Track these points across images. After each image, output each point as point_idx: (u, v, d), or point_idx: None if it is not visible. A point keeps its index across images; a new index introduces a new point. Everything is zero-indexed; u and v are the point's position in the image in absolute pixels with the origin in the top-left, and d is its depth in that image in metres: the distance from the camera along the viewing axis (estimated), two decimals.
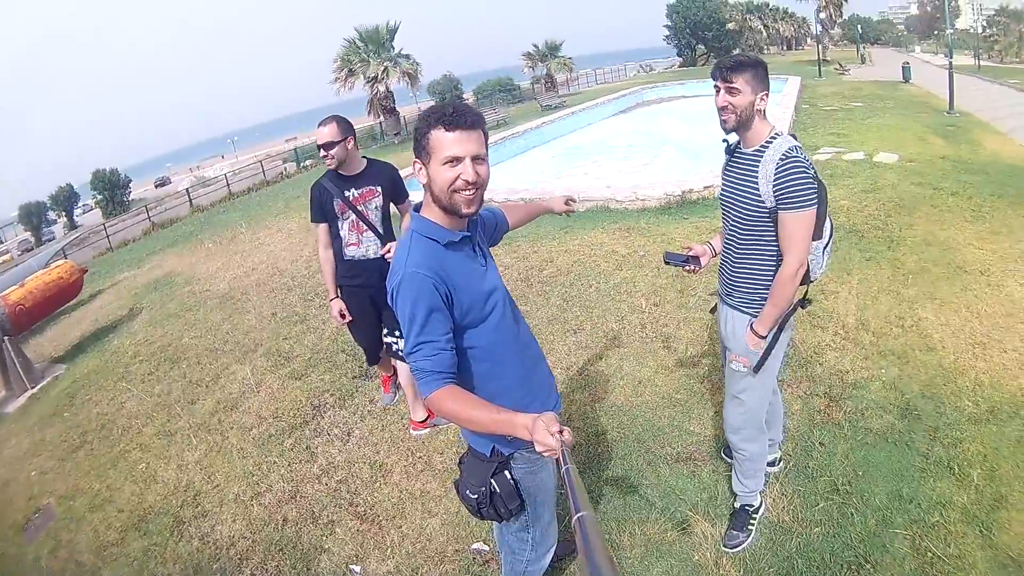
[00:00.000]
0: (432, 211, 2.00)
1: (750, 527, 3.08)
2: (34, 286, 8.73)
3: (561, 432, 1.65)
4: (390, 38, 30.30)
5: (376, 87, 29.53)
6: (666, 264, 2.95)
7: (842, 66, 35.29)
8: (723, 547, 3.04)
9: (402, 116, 32.41)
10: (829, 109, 16.50)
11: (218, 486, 4.41)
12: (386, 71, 29.35)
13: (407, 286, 1.89)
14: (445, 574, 3.26)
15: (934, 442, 3.49)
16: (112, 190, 55.87)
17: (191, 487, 4.47)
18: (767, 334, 2.66)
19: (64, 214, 64.74)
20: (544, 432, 1.65)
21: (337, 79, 30.21)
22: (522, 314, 2.33)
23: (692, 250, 2.92)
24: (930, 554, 2.81)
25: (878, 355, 4.42)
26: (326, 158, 3.86)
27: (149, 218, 22.88)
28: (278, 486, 4.22)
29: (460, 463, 2.31)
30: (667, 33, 61.15)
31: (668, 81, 34.14)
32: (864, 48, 54.27)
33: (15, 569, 4.29)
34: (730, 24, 55.88)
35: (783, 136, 2.52)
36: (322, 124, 3.84)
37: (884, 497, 3.17)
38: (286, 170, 29.05)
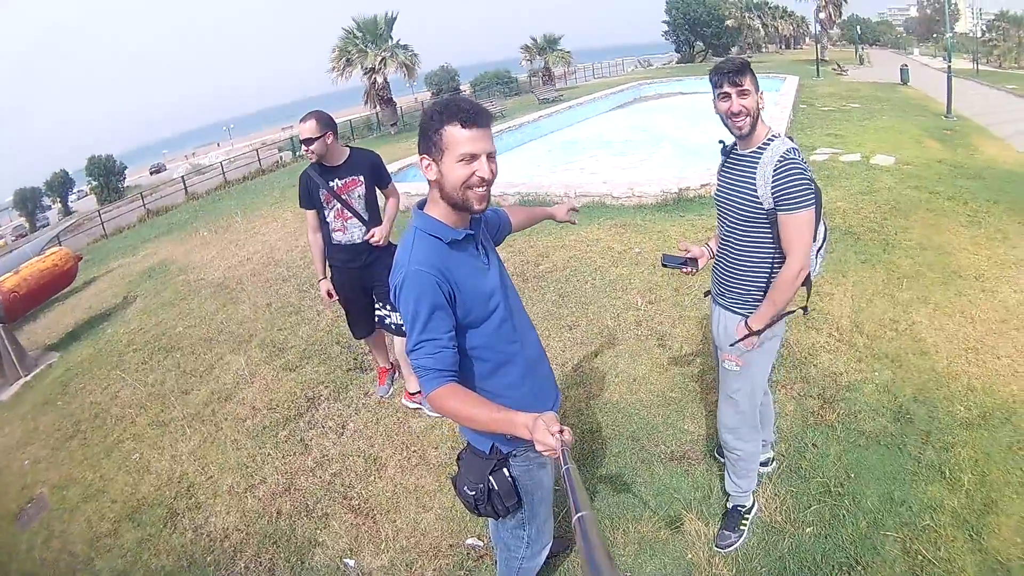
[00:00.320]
0: (436, 208, 2.00)
1: (742, 527, 3.10)
2: (29, 273, 8.70)
3: (561, 432, 1.67)
4: (388, 29, 30.14)
5: (374, 77, 29.39)
6: (664, 267, 2.96)
7: (840, 67, 35.31)
8: (715, 547, 3.07)
9: (399, 107, 32.31)
10: (826, 110, 16.51)
11: (212, 477, 4.41)
12: (383, 62, 29.21)
13: (410, 283, 1.89)
14: (439, 569, 3.27)
15: (926, 446, 3.52)
16: (107, 176, 55.69)
17: (185, 478, 4.47)
18: (760, 330, 2.67)
19: (59, 200, 64.50)
20: (544, 432, 1.66)
21: (335, 68, 30.04)
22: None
23: (689, 252, 2.93)
24: (920, 557, 2.84)
25: (872, 358, 4.44)
26: (307, 152, 4.08)
27: (144, 205, 22.79)
28: (272, 478, 4.23)
29: (458, 459, 2.31)
30: (666, 29, 61.07)
31: (666, 77, 34.14)
32: (862, 49, 54.34)
33: (8, 559, 4.28)
34: (729, 21, 55.81)
35: (780, 138, 2.52)
36: (303, 120, 4.05)
37: (876, 499, 3.19)
38: (282, 159, 28.94)
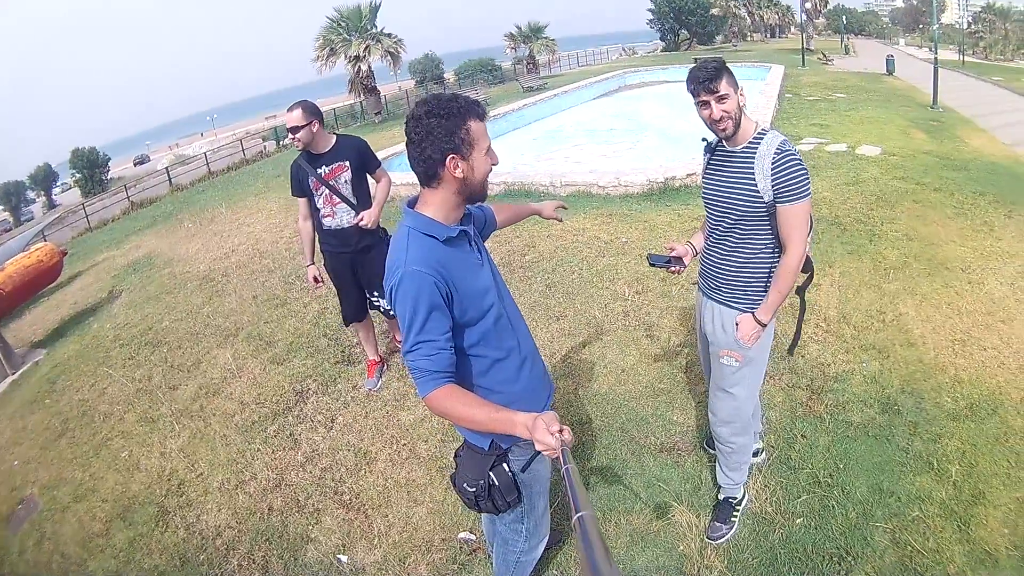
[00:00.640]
0: (429, 207, 1.99)
1: (733, 519, 3.12)
2: (13, 270, 8.57)
3: (561, 431, 1.67)
4: (372, 17, 29.91)
5: (358, 66, 29.17)
6: (651, 266, 2.96)
7: (826, 56, 35.41)
8: (706, 538, 3.09)
9: (383, 95, 32.13)
10: (812, 99, 16.55)
11: (202, 474, 4.38)
12: (368, 50, 29.00)
13: (407, 284, 1.87)
14: (432, 563, 3.28)
15: (914, 437, 3.56)
16: (91, 169, 55.19)
17: (175, 476, 4.44)
18: (768, 322, 2.70)
19: (43, 193, 63.88)
20: (544, 431, 1.67)
21: (319, 57, 29.82)
22: None
23: (674, 250, 2.93)
24: (909, 547, 2.88)
25: (859, 349, 4.47)
26: (294, 141, 4.24)
27: (128, 197, 22.54)
28: (262, 474, 4.21)
29: (455, 456, 2.32)
30: (651, 18, 60.99)
31: (651, 65, 34.06)
32: (848, 39, 54.49)
33: (0, 562, 4.24)
34: (714, 10, 55.82)
35: (771, 131, 2.54)
36: (290, 109, 4.20)
37: (865, 490, 3.23)
38: (265, 148, 28.79)
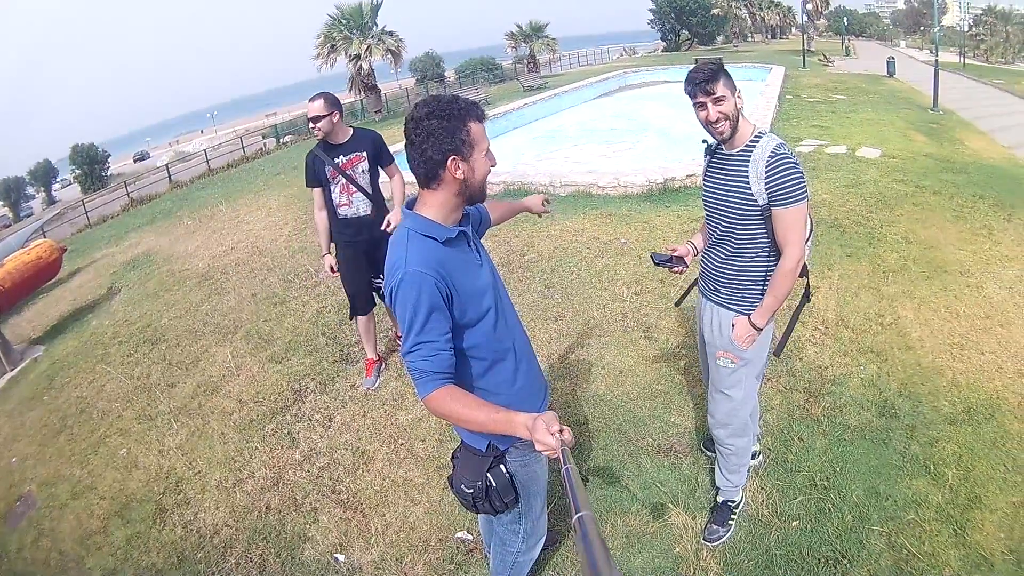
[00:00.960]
0: (428, 208, 2.00)
1: (730, 522, 3.13)
2: (13, 267, 8.59)
3: (561, 431, 1.68)
4: (373, 15, 29.90)
5: (359, 64, 29.16)
6: (655, 265, 2.95)
7: (826, 57, 35.36)
8: (703, 540, 3.10)
9: (383, 93, 32.12)
10: (812, 101, 16.55)
11: (200, 472, 4.39)
12: (369, 49, 28.99)
13: (408, 285, 1.88)
14: (429, 563, 3.28)
15: (911, 440, 3.56)
16: (91, 165, 55.16)
17: (173, 473, 4.45)
18: (764, 326, 2.70)
19: (43, 189, 63.86)
20: (544, 431, 1.67)
21: (319, 55, 29.81)
22: None
23: (676, 251, 2.94)
24: (905, 551, 2.89)
25: (857, 352, 4.48)
26: (315, 129, 4.33)
27: (128, 194, 22.55)
28: (260, 473, 4.22)
29: (453, 458, 2.33)
30: (651, 18, 60.96)
31: (651, 66, 33.99)
32: (849, 40, 54.46)
33: None
34: (715, 10, 55.70)
35: (768, 134, 2.54)
36: (312, 100, 4.32)
37: (861, 493, 3.24)
38: (265, 146, 28.72)
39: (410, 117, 1.94)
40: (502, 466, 2.16)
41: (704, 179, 2.81)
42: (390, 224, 4.35)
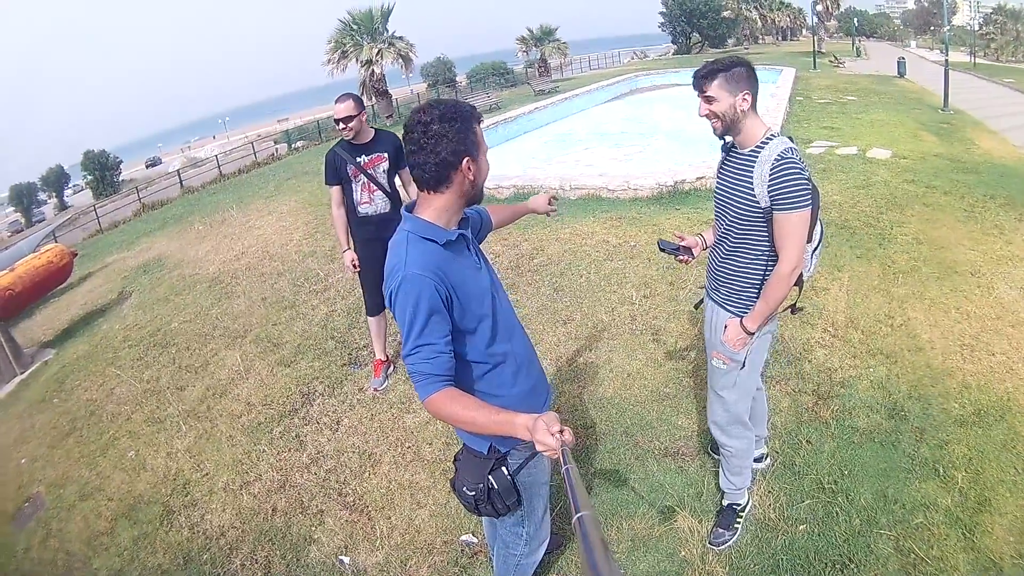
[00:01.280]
0: (428, 211, 1.99)
1: (736, 525, 3.11)
2: (24, 271, 8.64)
3: (562, 432, 1.67)
4: (384, 21, 30.03)
5: (371, 69, 29.28)
6: (660, 251, 2.96)
7: (837, 59, 35.23)
8: (708, 544, 3.07)
9: (394, 98, 32.21)
10: (823, 102, 16.49)
11: (207, 474, 4.41)
12: (380, 54, 29.11)
13: (408, 288, 1.88)
14: (434, 566, 3.28)
15: (920, 443, 3.52)
16: (103, 171, 55.60)
17: (180, 475, 4.47)
18: (756, 331, 2.68)
19: (55, 195, 64.39)
20: (545, 432, 1.67)
21: (330, 61, 29.97)
22: (513, 303, 2.34)
23: (684, 240, 2.94)
24: (913, 555, 2.85)
25: (867, 354, 4.44)
26: (344, 129, 4.40)
27: (140, 199, 22.68)
28: (267, 475, 4.23)
29: (455, 460, 2.32)
30: (662, 21, 60.85)
31: (662, 69, 33.94)
32: (859, 41, 54.18)
33: (6, 559, 4.28)
34: (725, 12, 55.52)
35: (779, 137, 2.52)
36: (340, 100, 4.40)
37: (869, 497, 3.20)
38: (277, 151, 28.85)
39: (417, 122, 1.91)
40: (504, 468, 2.14)
41: (717, 174, 2.82)
42: None
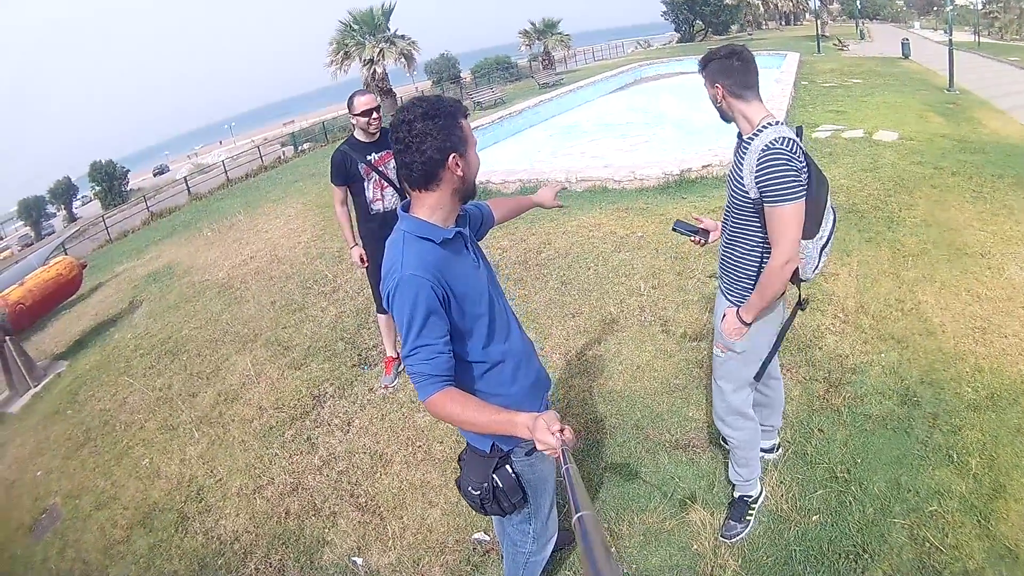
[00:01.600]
0: (423, 210, 1.98)
1: (748, 517, 3.08)
2: (34, 284, 8.72)
3: (562, 431, 1.67)
4: (385, 19, 30.05)
5: (373, 68, 29.31)
6: (673, 231, 2.95)
7: (841, 42, 34.98)
8: (721, 536, 3.06)
9: (399, 97, 32.21)
10: (828, 86, 16.36)
11: (221, 480, 4.43)
12: (382, 53, 29.13)
13: (405, 289, 1.87)
14: (446, 565, 3.28)
15: (933, 429, 3.48)
16: (110, 181, 55.89)
17: (194, 482, 4.50)
18: (751, 322, 2.66)
19: (63, 207, 64.79)
20: (545, 431, 1.66)
21: (333, 62, 30.03)
22: (521, 298, 2.33)
23: (702, 223, 2.94)
24: (928, 544, 2.82)
25: (878, 339, 4.40)
26: (374, 121, 4.38)
27: (148, 208, 22.83)
28: (280, 478, 4.25)
29: (459, 460, 2.32)
30: (664, 9, 60.56)
31: (666, 57, 33.79)
32: (863, 24, 53.76)
33: (24, 571, 4.32)
34: None
35: (774, 125, 2.45)
36: (361, 95, 4.40)
37: (883, 485, 3.17)
38: (284, 154, 28.92)
39: (401, 121, 1.88)
40: (508, 467, 2.14)
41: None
42: None
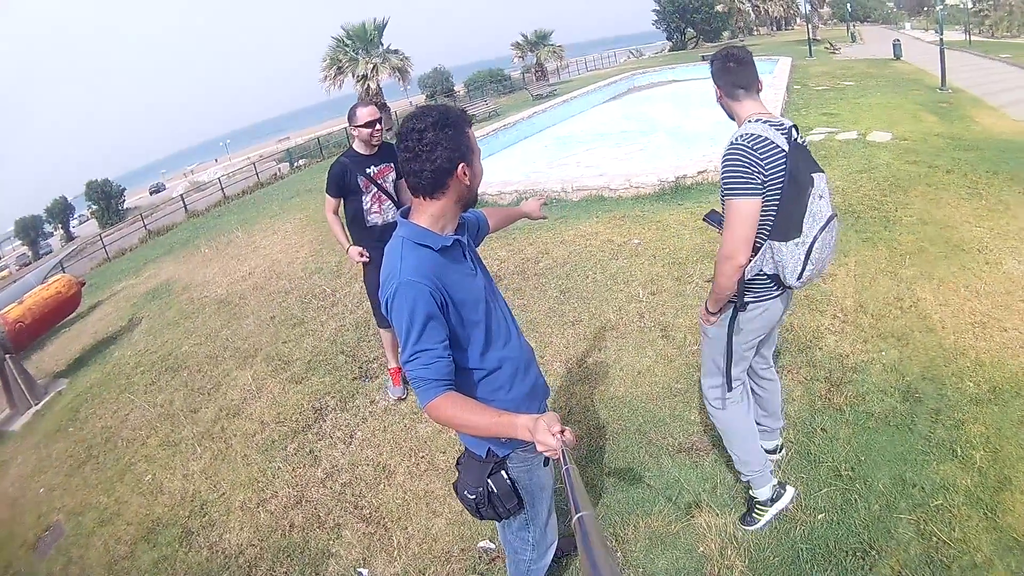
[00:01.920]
0: (423, 217, 1.99)
1: (755, 516, 3.07)
2: (33, 302, 8.71)
3: (562, 432, 1.67)
4: (378, 34, 30.20)
5: (367, 83, 29.41)
6: (703, 221, 2.95)
7: (832, 45, 35.15)
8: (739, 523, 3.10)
9: (393, 111, 32.30)
10: (820, 89, 16.44)
11: (224, 494, 4.42)
12: (376, 68, 29.25)
13: (404, 294, 1.87)
14: (452, 574, 3.27)
15: (936, 424, 3.48)
16: (107, 200, 56.05)
17: (197, 496, 4.48)
18: (716, 313, 2.74)
19: (60, 226, 64.90)
20: (545, 432, 1.67)
21: (326, 78, 30.13)
22: (520, 307, 2.34)
23: None
24: (935, 538, 2.81)
25: (878, 337, 4.40)
26: (377, 132, 4.35)
27: (145, 226, 22.88)
28: (283, 492, 4.23)
29: (457, 464, 2.32)
30: (655, 18, 60.86)
31: (659, 66, 33.97)
32: (854, 26, 54.03)
33: None
34: (719, 6, 55.48)
35: (748, 123, 2.54)
36: (363, 107, 4.35)
37: (887, 482, 3.16)
38: (279, 171, 29.01)
39: (411, 129, 1.89)
40: (503, 472, 2.14)
41: None
42: None
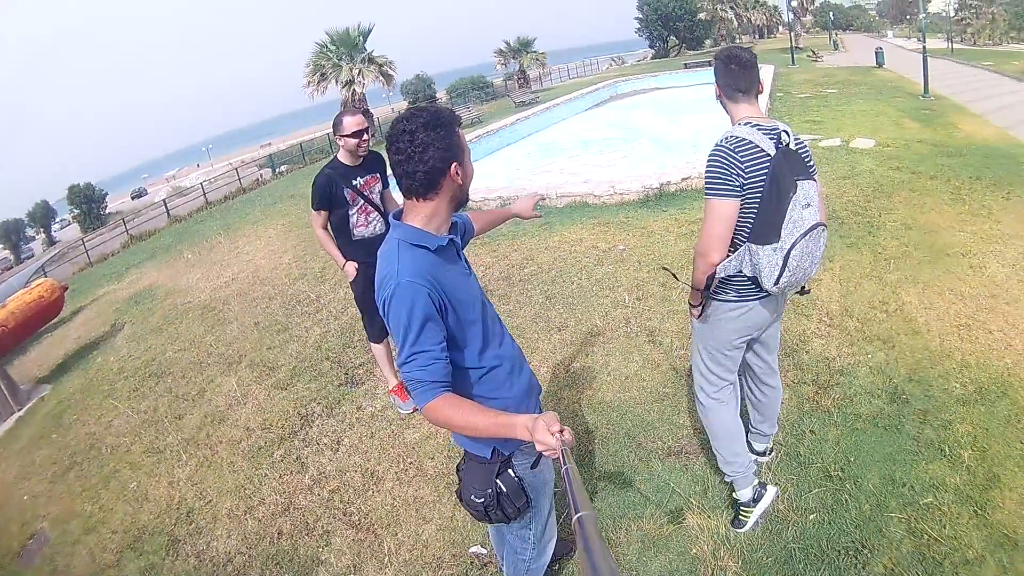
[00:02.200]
0: (416, 218, 1.97)
1: (742, 519, 3.07)
2: (15, 307, 8.62)
3: (561, 432, 1.66)
4: (363, 40, 30.14)
5: (352, 89, 29.34)
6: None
7: (815, 53, 35.50)
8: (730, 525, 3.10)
9: (376, 117, 32.22)
10: (803, 96, 16.61)
11: (210, 502, 4.36)
12: (360, 73, 29.19)
13: (401, 296, 1.85)
14: None
15: (924, 425, 3.52)
16: (89, 204, 55.58)
17: (184, 504, 4.42)
18: (696, 304, 2.80)
19: (42, 230, 64.28)
20: (545, 432, 1.66)
21: (310, 83, 30.02)
22: (506, 313, 2.33)
23: None
24: (926, 536, 2.84)
25: (864, 340, 4.44)
26: (364, 142, 4.16)
27: (127, 231, 22.66)
28: (271, 499, 4.19)
29: (458, 470, 2.29)
30: (638, 26, 61.20)
31: (641, 73, 34.19)
32: (836, 35, 54.69)
33: None
34: (701, 14, 55.94)
35: (738, 125, 2.57)
36: (349, 115, 4.13)
37: (877, 481, 3.19)
38: (262, 176, 28.84)
39: (402, 131, 1.87)
40: (510, 471, 2.12)
41: None
42: None
